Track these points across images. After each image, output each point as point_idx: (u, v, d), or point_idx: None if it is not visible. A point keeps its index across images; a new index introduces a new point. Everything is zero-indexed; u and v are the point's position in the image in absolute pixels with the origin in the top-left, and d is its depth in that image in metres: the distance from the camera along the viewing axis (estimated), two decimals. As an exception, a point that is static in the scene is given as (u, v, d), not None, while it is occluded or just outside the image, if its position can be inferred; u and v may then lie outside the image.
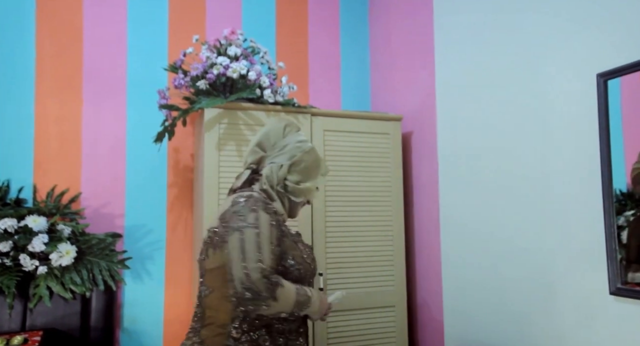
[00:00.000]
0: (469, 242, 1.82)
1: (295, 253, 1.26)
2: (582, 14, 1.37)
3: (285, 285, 1.17)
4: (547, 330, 1.46)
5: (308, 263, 1.30)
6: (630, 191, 1.23)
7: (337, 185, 2.06)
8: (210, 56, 1.96)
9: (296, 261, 1.25)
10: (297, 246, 1.29)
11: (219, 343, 1.19)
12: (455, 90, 1.94)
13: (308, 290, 1.24)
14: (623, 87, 1.26)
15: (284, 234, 1.26)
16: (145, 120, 2.20)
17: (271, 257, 1.17)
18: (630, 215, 1.23)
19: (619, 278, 1.23)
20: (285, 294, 1.16)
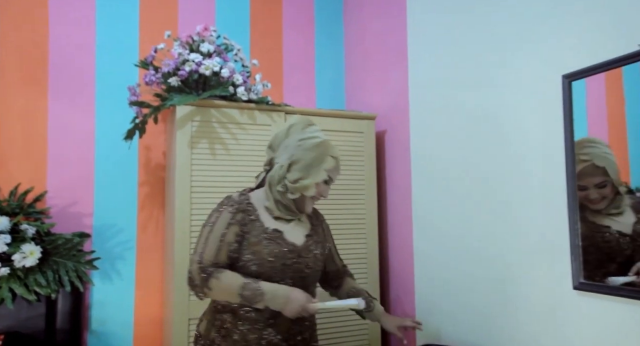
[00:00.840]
0: (441, 240, 1.85)
1: (256, 249, 1.33)
2: (548, 16, 1.40)
3: (221, 277, 1.30)
4: (514, 324, 1.50)
5: (269, 261, 1.33)
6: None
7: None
8: (183, 52, 1.93)
9: (255, 257, 1.33)
10: (262, 243, 1.34)
11: (202, 320, 1.46)
12: (428, 89, 1.96)
13: (263, 286, 1.28)
14: (588, 88, 1.30)
15: (247, 231, 1.35)
16: (115, 117, 2.15)
17: (216, 252, 1.32)
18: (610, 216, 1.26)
19: (581, 274, 1.27)
20: (221, 286, 1.29)
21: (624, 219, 1.21)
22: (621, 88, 1.23)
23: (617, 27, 1.21)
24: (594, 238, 1.26)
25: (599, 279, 1.23)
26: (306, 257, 1.40)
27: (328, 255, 1.55)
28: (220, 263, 1.33)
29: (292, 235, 1.40)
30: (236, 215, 1.36)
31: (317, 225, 1.52)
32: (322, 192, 1.41)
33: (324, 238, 1.52)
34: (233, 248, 1.34)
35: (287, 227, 1.42)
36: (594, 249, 1.26)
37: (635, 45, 1.15)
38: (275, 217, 1.41)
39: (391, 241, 2.21)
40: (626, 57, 1.17)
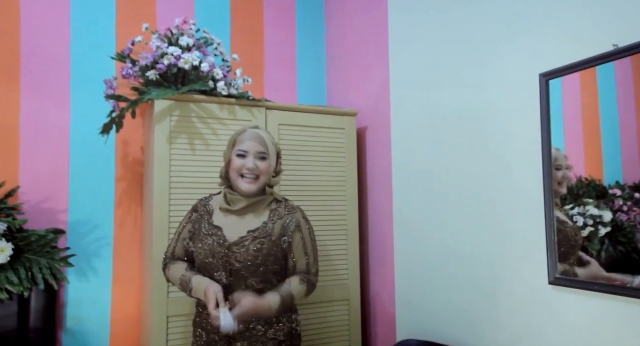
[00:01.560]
0: (421, 237, 1.87)
1: (199, 244, 1.50)
2: (526, 15, 1.43)
3: (171, 268, 1.55)
4: (492, 319, 1.52)
5: (205, 254, 1.47)
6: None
7: (292, 180, 2.05)
8: (161, 46, 1.89)
9: (197, 250, 1.51)
10: (204, 240, 1.48)
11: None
12: (409, 87, 1.97)
13: (194, 280, 1.45)
14: (564, 88, 1.33)
15: (197, 229, 1.54)
16: (91, 111, 2.10)
17: (177, 246, 1.58)
18: (569, 209, 1.30)
19: (556, 269, 1.30)
20: (169, 275, 1.56)
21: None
22: (595, 87, 1.26)
23: (593, 27, 1.24)
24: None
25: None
26: (237, 251, 1.44)
27: (285, 250, 1.52)
28: (177, 255, 1.58)
29: (231, 231, 1.49)
30: (192, 215, 1.59)
31: (276, 220, 1.52)
32: (241, 165, 1.49)
33: (276, 234, 1.49)
34: (186, 243, 1.56)
35: (231, 222, 1.51)
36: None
37: (610, 45, 1.17)
38: (225, 211, 1.52)
39: (372, 238, 2.22)
40: (601, 56, 1.20)
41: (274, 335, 1.46)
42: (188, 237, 1.56)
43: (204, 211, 1.56)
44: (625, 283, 1.16)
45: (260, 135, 1.54)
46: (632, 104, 1.18)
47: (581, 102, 1.29)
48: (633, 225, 1.17)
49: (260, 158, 1.51)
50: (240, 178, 1.50)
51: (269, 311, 1.40)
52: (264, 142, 1.53)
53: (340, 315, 2.09)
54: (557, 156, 1.33)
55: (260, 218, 1.52)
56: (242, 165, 1.49)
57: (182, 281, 1.48)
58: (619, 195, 1.20)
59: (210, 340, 1.48)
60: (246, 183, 1.49)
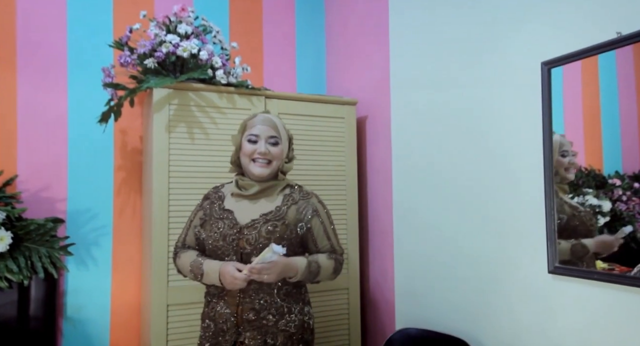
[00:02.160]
0: (420, 226, 1.87)
1: (209, 228, 1.48)
2: (530, 3, 1.41)
3: (182, 256, 1.53)
4: (490, 308, 1.53)
5: (215, 238, 1.45)
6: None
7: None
8: (159, 33, 1.87)
9: (207, 235, 1.48)
10: (214, 224, 1.47)
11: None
12: (409, 76, 1.96)
13: (205, 265, 1.43)
14: (565, 76, 1.32)
15: (207, 214, 1.51)
16: (88, 99, 2.09)
17: (188, 234, 1.57)
18: (569, 198, 1.30)
19: (556, 258, 1.30)
20: (179, 264, 1.53)
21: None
22: (597, 76, 1.25)
23: (596, 14, 1.23)
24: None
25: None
26: (248, 234, 1.42)
27: (306, 235, 1.51)
28: (188, 243, 1.57)
29: (243, 214, 1.46)
30: (203, 202, 1.57)
31: (290, 204, 1.49)
32: (253, 149, 1.47)
33: (290, 218, 1.46)
34: (197, 230, 1.54)
35: (242, 206, 1.49)
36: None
37: (614, 33, 1.16)
38: (237, 195, 1.51)
39: (371, 227, 2.22)
40: (603, 45, 1.19)
41: (285, 326, 1.42)
42: (199, 224, 1.53)
43: (216, 197, 1.54)
44: (624, 271, 1.16)
45: (272, 120, 1.51)
46: (633, 93, 1.18)
47: (582, 90, 1.29)
48: (632, 215, 1.17)
49: (272, 143, 1.48)
50: (252, 162, 1.47)
51: (294, 270, 1.39)
52: (275, 126, 1.50)
53: (340, 303, 2.10)
54: (563, 142, 1.32)
55: (273, 202, 1.49)
56: (253, 149, 1.46)
57: (193, 268, 1.45)
58: (618, 185, 1.20)
59: (218, 330, 1.43)
60: (258, 167, 1.46)
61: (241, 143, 1.51)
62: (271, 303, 1.42)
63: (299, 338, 1.44)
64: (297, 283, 1.47)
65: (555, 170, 1.32)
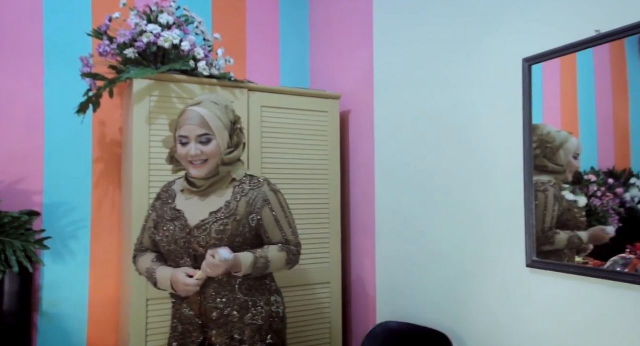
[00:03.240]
0: (402, 221, 1.88)
1: (162, 233, 1.42)
2: (510, 1, 1.43)
3: (139, 261, 1.50)
4: (470, 301, 1.56)
5: (167, 241, 1.40)
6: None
7: (274, 163, 2.03)
8: (140, 23, 1.83)
9: (160, 238, 1.43)
10: (166, 226, 1.41)
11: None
12: (393, 71, 1.97)
13: (158, 273, 1.40)
14: (544, 73, 1.34)
15: (160, 216, 1.46)
16: (66, 89, 2.03)
17: (144, 236, 1.52)
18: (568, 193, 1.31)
19: (534, 252, 1.33)
20: (139, 268, 1.50)
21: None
22: (575, 73, 1.27)
23: (576, 12, 1.25)
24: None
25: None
26: (198, 236, 1.36)
27: (257, 227, 1.43)
28: (145, 245, 1.53)
29: (193, 214, 1.40)
30: (155, 203, 1.52)
31: (240, 197, 1.41)
32: (186, 152, 1.38)
33: (241, 212, 1.39)
34: (152, 232, 1.48)
35: (193, 205, 1.42)
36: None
37: (592, 31, 1.19)
38: (187, 191, 1.45)
39: (354, 221, 2.23)
40: (581, 42, 1.21)
41: (252, 319, 1.38)
42: (153, 226, 1.47)
43: (167, 196, 1.48)
44: (598, 265, 1.20)
45: (199, 115, 1.37)
46: (609, 91, 1.21)
47: (561, 87, 1.31)
48: (605, 210, 1.20)
49: (203, 142, 1.38)
50: (190, 164, 1.40)
51: (239, 266, 1.32)
52: (204, 122, 1.37)
53: (322, 297, 2.11)
54: (578, 145, 1.29)
55: (222, 197, 1.42)
56: (186, 152, 1.38)
57: (148, 275, 1.43)
58: (593, 181, 1.23)
59: (184, 331, 1.41)
60: (194, 170, 1.39)
61: (175, 144, 1.43)
62: (234, 300, 1.38)
63: (268, 328, 1.41)
64: (259, 276, 1.43)
65: (563, 169, 1.31)
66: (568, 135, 1.31)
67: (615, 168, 1.18)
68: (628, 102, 1.16)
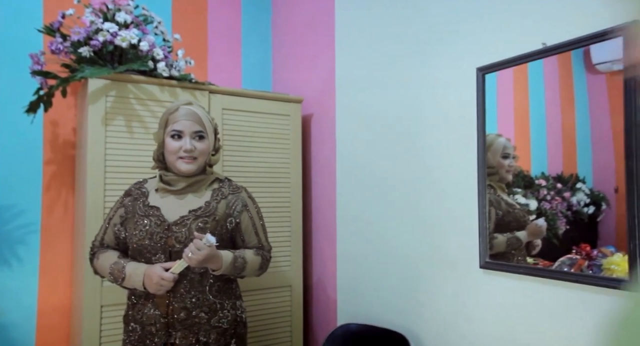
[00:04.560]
0: (362, 224, 1.91)
1: (133, 227, 1.40)
2: (466, 12, 1.48)
3: (100, 257, 1.44)
4: (428, 302, 1.60)
5: (140, 236, 1.38)
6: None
7: (235, 165, 2.01)
8: (95, 21, 1.77)
9: (130, 234, 1.41)
10: (139, 221, 1.39)
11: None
12: (354, 75, 1.99)
13: (128, 267, 1.36)
14: (498, 82, 1.40)
15: (130, 212, 1.43)
16: (15, 87, 1.94)
17: (107, 232, 1.48)
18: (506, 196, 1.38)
19: (487, 253, 1.38)
20: (98, 265, 1.45)
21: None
22: (526, 83, 1.33)
23: (527, 25, 1.31)
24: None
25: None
26: (177, 231, 1.36)
27: (234, 230, 1.46)
28: (106, 242, 1.48)
29: (170, 210, 1.40)
30: (124, 199, 1.48)
31: (220, 199, 1.45)
32: (178, 147, 1.39)
33: (219, 213, 1.42)
34: (117, 229, 1.45)
35: (169, 202, 1.42)
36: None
37: (540, 43, 1.25)
38: (162, 190, 1.44)
39: (315, 225, 2.24)
40: (531, 53, 1.27)
41: (218, 322, 1.39)
42: (119, 222, 1.45)
43: (139, 194, 1.45)
44: (547, 265, 1.25)
45: (195, 112, 1.42)
46: (557, 99, 1.27)
47: (513, 96, 1.37)
48: (554, 213, 1.26)
49: (197, 138, 1.41)
50: (179, 159, 1.40)
51: (219, 262, 1.33)
52: (199, 119, 1.42)
53: (282, 300, 2.10)
54: (507, 145, 1.38)
55: (201, 198, 1.44)
56: (178, 146, 1.39)
57: (113, 270, 1.37)
58: (543, 185, 1.29)
59: (146, 333, 1.37)
60: (185, 164, 1.40)
61: (164, 139, 1.43)
62: (203, 300, 1.38)
63: (232, 332, 1.43)
64: (228, 279, 1.44)
65: (495, 170, 1.39)
66: (495, 136, 1.40)
67: (563, 174, 1.25)
68: (574, 110, 1.23)
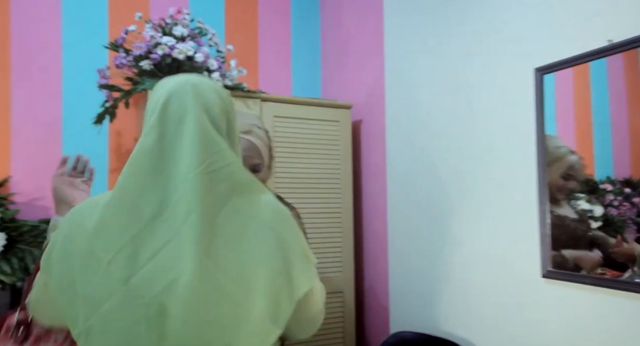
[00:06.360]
0: (415, 230, 1.88)
1: None
2: (522, 9, 1.43)
3: None
4: (486, 311, 1.54)
5: None
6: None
7: (286, 172, 2.05)
8: (155, 35, 1.87)
9: None
10: None
11: None
12: (404, 78, 1.97)
13: None
14: (557, 83, 1.34)
15: None
16: (83, 101, 2.08)
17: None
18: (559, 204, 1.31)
19: (549, 262, 1.32)
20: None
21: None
22: (588, 82, 1.27)
23: (588, 22, 1.25)
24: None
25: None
26: None
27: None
28: None
29: None
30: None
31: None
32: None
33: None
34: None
35: None
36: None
37: (605, 40, 1.18)
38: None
39: (366, 230, 2.23)
40: (594, 52, 1.21)
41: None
42: None
43: None
44: (616, 276, 1.18)
45: (255, 146, 1.34)
46: (624, 100, 1.20)
47: (574, 97, 1.31)
48: (623, 220, 1.19)
49: (254, 171, 1.35)
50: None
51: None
52: (258, 152, 1.35)
53: (334, 306, 2.10)
54: (575, 165, 1.30)
55: None
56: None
57: None
58: (609, 190, 1.22)
59: None
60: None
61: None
62: None
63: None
64: None
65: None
66: (568, 151, 1.31)
67: (632, 178, 1.17)
68: (643, 110, 1.15)
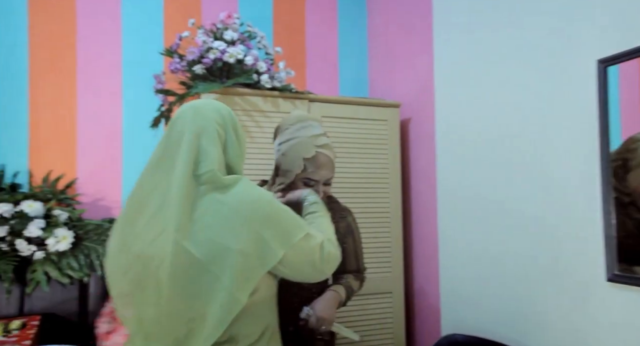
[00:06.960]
0: (466, 230, 1.83)
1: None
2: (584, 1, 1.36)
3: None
4: (544, 315, 1.48)
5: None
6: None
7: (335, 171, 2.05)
8: (207, 40, 1.94)
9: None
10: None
11: None
12: (454, 76, 1.92)
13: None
14: (621, 75, 1.25)
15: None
16: (141, 105, 2.19)
17: None
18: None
19: (615, 265, 1.24)
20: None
21: None
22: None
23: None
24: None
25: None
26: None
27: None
28: None
29: None
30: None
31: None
32: (308, 191, 1.34)
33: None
34: None
35: None
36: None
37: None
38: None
39: (415, 230, 2.20)
40: (666, 40, 1.13)
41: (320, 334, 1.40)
42: None
43: None
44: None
45: (332, 161, 1.40)
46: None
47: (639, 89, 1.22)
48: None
49: (327, 184, 1.41)
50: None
51: (340, 300, 1.37)
52: (333, 166, 1.41)
53: (384, 307, 2.09)
54: None
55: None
56: (308, 191, 1.34)
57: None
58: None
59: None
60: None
61: (294, 180, 1.37)
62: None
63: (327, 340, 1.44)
64: (321, 291, 1.42)
65: (630, 199, 1.21)
66: None
67: None
68: None
